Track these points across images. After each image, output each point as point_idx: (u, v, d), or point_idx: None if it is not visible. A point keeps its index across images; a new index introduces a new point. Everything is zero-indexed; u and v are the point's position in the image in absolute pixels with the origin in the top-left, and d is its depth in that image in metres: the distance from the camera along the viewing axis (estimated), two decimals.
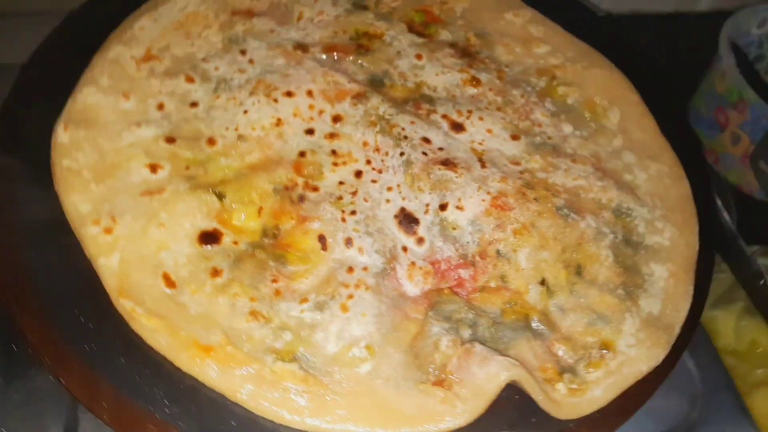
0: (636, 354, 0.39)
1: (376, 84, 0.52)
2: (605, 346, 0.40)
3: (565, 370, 0.38)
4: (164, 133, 0.45)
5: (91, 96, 0.45)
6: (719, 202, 0.57)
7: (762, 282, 0.54)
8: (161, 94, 0.47)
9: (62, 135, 0.43)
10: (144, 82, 0.47)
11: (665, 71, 0.60)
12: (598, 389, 0.38)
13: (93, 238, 0.39)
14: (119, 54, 0.48)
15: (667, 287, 0.43)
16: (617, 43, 0.58)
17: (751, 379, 0.54)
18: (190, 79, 0.48)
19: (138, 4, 0.52)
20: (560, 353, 0.39)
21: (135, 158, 0.43)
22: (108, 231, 0.39)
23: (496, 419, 0.36)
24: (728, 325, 0.56)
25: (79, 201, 0.40)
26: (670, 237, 0.45)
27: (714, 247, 0.46)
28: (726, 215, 0.58)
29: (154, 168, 0.43)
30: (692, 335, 0.41)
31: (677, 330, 0.41)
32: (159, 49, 0.49)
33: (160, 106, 0.46)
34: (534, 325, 0.40)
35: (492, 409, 0.36)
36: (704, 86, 0.67)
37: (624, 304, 0.41)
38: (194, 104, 0.47)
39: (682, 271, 0.44)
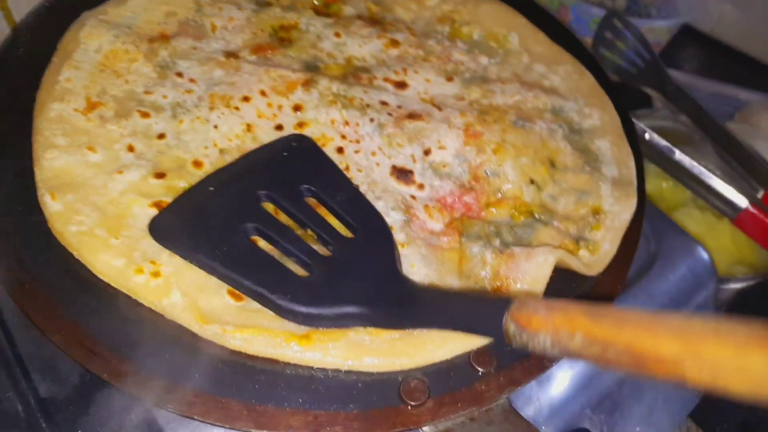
0: (619, 208, 0.49)
1: (312, 69, 0.55)
2: (596, 211, 0.49)
3: (578, 240, 0.47)
4: (149, 172, 0.44)
5: (57, 159, 0.43)
6: None
7: (646, 136, 0.67)
8: (124, 137, 0.46)
9: (54, 205, 0.40)
10: (101, 131, 0.46)
11: None
12: (606, 243, 0.47)
13: (145, 286, 0.38)
14: (61, 110, 0.46)
15: (614, 153, 0.53)
16: None
17: (668, 210, 0.68)
18: (144, 115, 0.47)
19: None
20: (568, 229, 0.47)
21: (135, 203, 0.42)
22: (156, 274, 0.39)
23: (549, 295, 0.43)
24: None
25: (110, 258, 0.39)
26: (599, 116, 0.55)
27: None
28: None
29: (159, 205, 0.42)
30: (644, 183, 0.51)
31: (635, 180, 0.51)
32: (97, 95, 0.48)
33: (130, 148, 0.45)
34: (538, 216, 0.48)
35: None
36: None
37: (593, 176, 0.50)
38: (161, 136, 0.47)
39: (618, 138, 0.54)
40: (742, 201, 0.64)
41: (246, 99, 0.49)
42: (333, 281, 0.38)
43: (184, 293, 0.38)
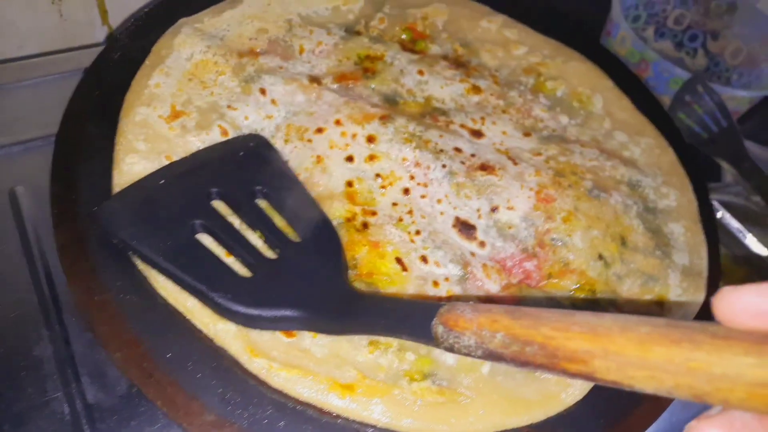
0: (685, 300, 0.47)
1: (390, 103, 0.55)
2: (660, 300, 0.47)
3: None
4: None
5: (136, 165, 0.44)
6: None
7: (719, 215, 0.63)
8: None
9: None
10: (180, 140, 0.47)
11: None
12: None
13: (202, 308, 0.38)
14: (146, 115, 0.47)
15: (687, 239, 0.51)
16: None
17: None
18: (224, 132, 0.48)
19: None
20: None
21: None
22: None
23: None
24: None
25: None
26: (676, 197, 0.53)
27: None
28: None
29: None
30: (719, 274, 0.49)
31: (706, 272, 0.49)
32: (182, 104, 0.49)
33: None
34: (600, 296, 0.46)
35: None
36: None
37: (664, 263, 0.48)
38: None
39: (693, 223, 0.52)
40: None
41: (320, 130, 0.50)
42: (275, 283, 0.38)
43: None
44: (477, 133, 0.54)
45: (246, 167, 0.44)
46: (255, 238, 0.42)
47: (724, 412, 0.20)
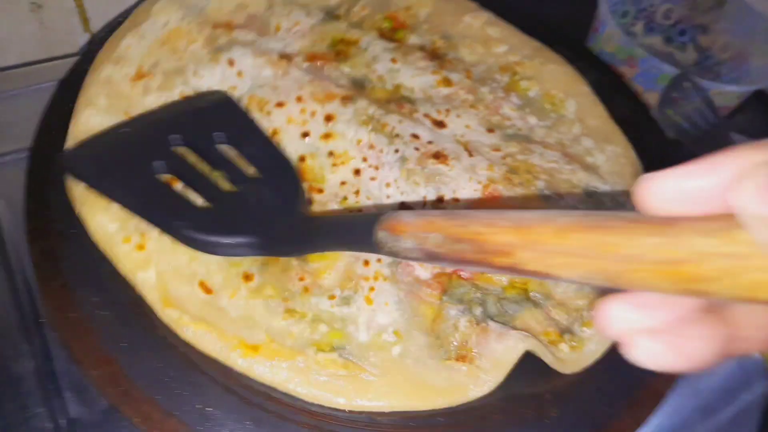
0: None
1: (358, 87, 0.56)
2: (593, 306, 0.46)
3: (564, 332, 0.45)
4: None
5: (92, 117, 0.46)
6: None
7: None
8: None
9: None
10: (140, 99, 0.48)
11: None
12: (592, 344, 0.44)
13: (127, 255, 0.40)
14: (111, 73, 0.49)
15: None
16: None
17: None
18: (184, 96, 0.50)
19: None
20: (557, 317, 0.45)
21: None
22: (140, 247, 0.41)
23: (512, 384, 0.41)
24: None
25: (105, 221, 0.41)
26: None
27: None
28: None
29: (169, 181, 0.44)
30: None
31: None
32: (149, 66, 0.50)
33: None
34: (532, 295, 0.46)
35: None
36: (593, 48, 0.76)
37: None
38: None
39: None
40: None
41: (280, 104, 0.51)
42: (234, 213, 0.41)
43: (159, 272, 0.40)
44: (439, 124, 0.55)
45: (208, 117, 0.47)
46: (217, 176, 0.44)
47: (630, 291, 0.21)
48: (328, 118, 0.51)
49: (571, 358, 0.43)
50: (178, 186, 0.43)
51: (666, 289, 0.19)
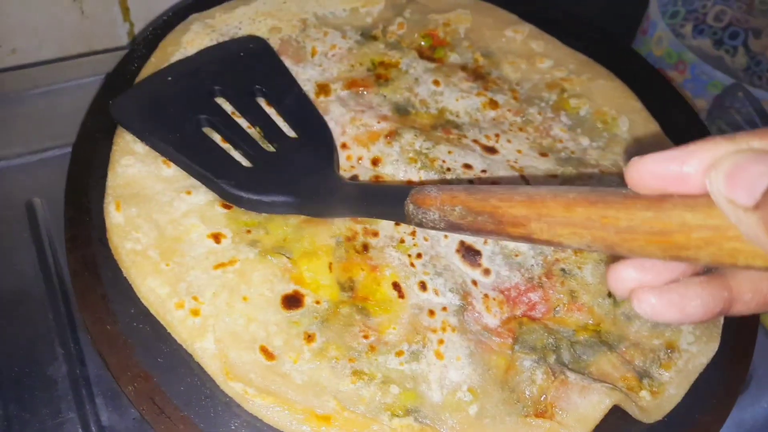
0: (696, 350, 0.43)
1: (401, 113, 0.53)
2: (670, 346, 0.44)
3: (642, 376, 0.42)
4: (216, 198, 0.43)
5: (131, 167, 0.43)
6: None
7: None
8: None
9: (116, 216, 0.40)
10: None
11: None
12: (672, 387, 0.42)
13: (182, 322, 0.37)
14: None
15: None
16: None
17: None
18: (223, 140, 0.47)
19: None
20: (634, 360, 0.43)
21: (194, 229, 0.42)
22: (195, 312, 0.38)
23: None
24: None
25: (156, 285, 0.38)
26: None
27: None
28: None
29: (216, 237, 0.42)
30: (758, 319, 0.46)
31: (722, 320, 0.46)
32: None
33: None
34: (605, 336, 0.44)
35: None
36: (641, 50, 0.73)
37: None
38: None
39: None
40: None
41: None
42: (272, 173, 0.43)
43: (218, 339, 0.37)
44: (490, 150, 0.52)
45: (247, 67, 0.47)
46: (255, 134, 0.45)
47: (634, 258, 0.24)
48: (375, 162, 0.48)
49: (652, 406, 0.41)
50: (220, 140, 0.44)
51: (658, 256, 0.22)
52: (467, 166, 0.49)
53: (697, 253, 0.21)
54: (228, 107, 0.46)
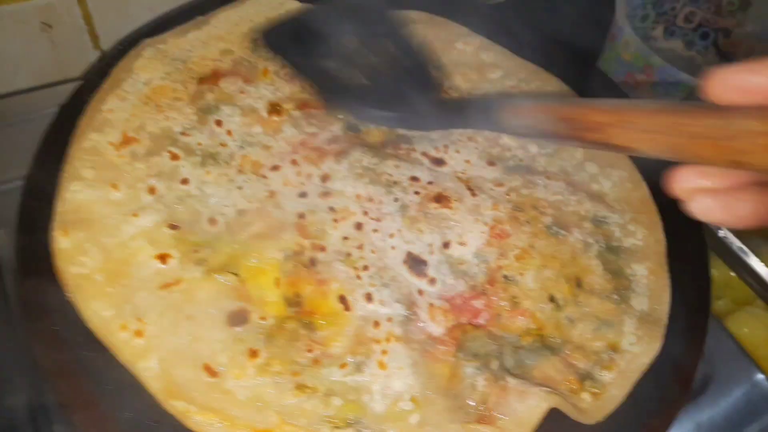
0: (639, 350, 0.44)
1: (353, 131, 0.54)
2: (612, 348, 0.45)
3: (584, 378, 0.43)
4: (164, 219, 0.44)
5: (80, 193, 0.44)
6: None
7: (721, 233, 0.60)
8: (149, 177, 0.46)
9: (62, 241, 0.41)
10: (128, 168, 0.47)
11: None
12: (614, 388, 0.43)
13: (126, 344, 0.38)
14: (96, 142, 0.47)
15: (649, 283, 0.48)
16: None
17: (715, 311, 0.62)
18: (174, 156, 0.48)
19: None
20: (577, 363, 0.44)
21: (141, 251, 0.43)
22: (138, 334, 0.39)
23: None
24: None
25: (99, 308, 0.39)
26: (642, 237, 0.51)
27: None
28: None
29: (163, 258, 0.43)
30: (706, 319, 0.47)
31: (665, 321, 0.47)
32: (134, 130, 0.48)
33: (151, 190, 0.46)
34: (548, 341, 0.44)
35: None
36: (610, 55, 0.74)
37: (620, 307, 0.46)
38: (185, 181, 0.47)
39: (658, 266, 0.50)
40: None
41: (275, 168, 0.49)
42: (387, 91, 0.48)
43: (161, 359, 0.38)
44: (439, 161, 0.53)
45: (372, 14, 0.53)
46: (375, 62, 0.51)
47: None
48: (324, 178, 0.49)
49: (593, 407, 0.42)
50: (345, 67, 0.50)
51: (722, 162, 0.25)
52: (414, 179, 0.50)
53: (756, 158, 0.24)
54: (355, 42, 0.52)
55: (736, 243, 0.60)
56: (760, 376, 0.55)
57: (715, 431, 0.54)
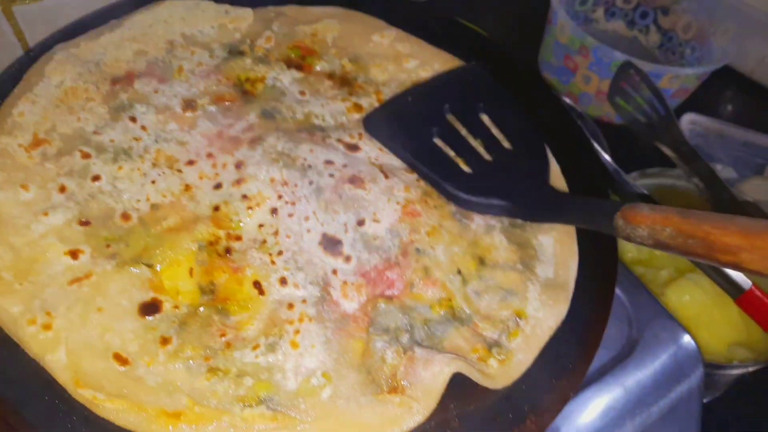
0: (543, 315, 0.46)
1: (268, 118, 0.55)
2: (518, 315, 0.46)
3: (492, 346, 0.45)
4: (75, 216, 0.45)
5: None
6: (597, 147, 0.66)
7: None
8: (59, 176, 0.47)
9: None
10: (39, 168, 0.47)
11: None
12: (520, 354, 0.45)
13: (33, 337, 0.39)
14: (6, 144, 0.47)
15: (556, 251, 0.50)
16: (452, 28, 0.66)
17: (658, 281, 0.65)
18: (85, 155, 0.48)
19: None
20: (485, 333, 0.46)
21: (51, 248, 0.43)
22: (47, 327, 0.39)
23: (446, 407, 0.41)
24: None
25: (8, 304, 0.40)
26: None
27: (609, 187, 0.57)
28: (606, 156, 0.67)
29: (74, 254, 0.43)
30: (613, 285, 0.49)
31: (571, 285, 0.49)
32: (46, 131, 0.49)
33: (62, 189, 0.46)
34: (458, 312, 0.46)
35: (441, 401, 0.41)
36: (548, 40, 0.77)
37: (524, 276, 0.48)
38: (96, 178, 0.48)
39: (566, 235, 0.52)
40: (745, 282, 0.59)
41: (191, 163, 0.50)
42: (490, 178, 0.50)
43: (70, 351, 0.39)
44: (353, 147, 0.54)
45: (470, 88, 0.57)
46: (476, 144, 0.53)
47: None
48: (238, 165, 0.51)
49: (500, 373, 0.43)
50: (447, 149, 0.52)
51: None
52: (329, 162, 0.52)
53: None
54: (455, 122, 0.55)
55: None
56: (687, 338, 0.57)
57: (642, 393, 0.55)
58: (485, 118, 0.55)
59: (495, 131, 0.54)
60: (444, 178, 0.50)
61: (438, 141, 0.53)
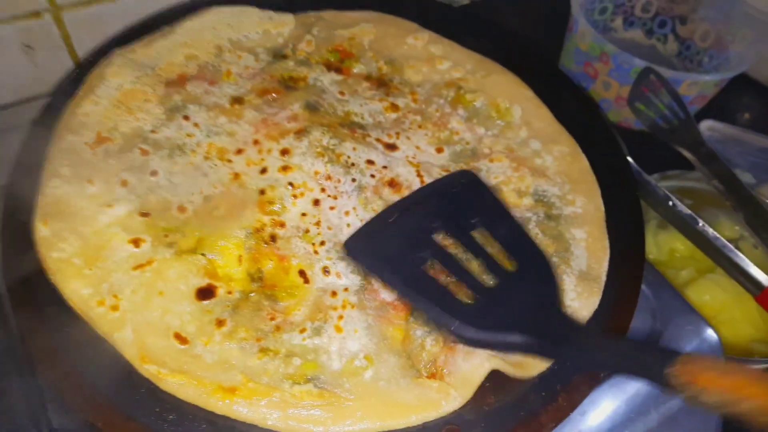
0: (578, 305, 0.48)
1: (312, 110, 0.58)
2: None
3: None
4: (136, 208, 0.49)
5: (58, 188, 0.48)
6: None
7: (670, 203, 0.64)
8: (121, 171, 0.51)
9: (43, 230, 0.46)
10: (102, 164, 0.51)
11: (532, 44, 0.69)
12: None
13: (102, 317, 0.42)
14: (72, 143, 0.51)
15: (588, 245, 0.52)
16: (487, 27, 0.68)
17: (679, 281, 0.66)
18: (144, 152, 0.52)
19: None
20: None
21: (115, 237, 0.47)
22: (114, 308, 0.43)
23: (482, 396, 0.44)
24: (649, 241, 0.67)
25: (78, 287, 0.43)
26: (582, 205, 0.55)
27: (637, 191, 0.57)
28: (629, 158, 0.68)
29: (136, 242, 0.47)
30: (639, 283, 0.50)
31: (603, 277, 0.51)
32: (108, 130, 0.53)
33: (124, 183, 0.50)
34: None
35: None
36: (569, 46, 0.79)
37: (560, 268, 0.50)
38: (154, 173, 0.51)
39: (597, 230, 0.54)
40: (765, 279, 0.60)
41: (239, 152, 0.53)
42: (495, 310, 0.42)
43: (135, 330, 0.42)
44: (391, 147, 0.57)
45: (461, 201, 0.49)
46: (475, 266, 0.46)
47: None
48: (284, 152, 0.54)
49: (529, 362, 0.45)
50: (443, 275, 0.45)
51: None
52: (370, 162, 0.55)
53: None
54: (447, 241, 0.47)
55: (685, 211, 0.64)
56: (709, 331, 0.58)
57: (642, 399, 0.55)
58: (482, 234, 0.47)
59: (496, 249, 0.46)
60: (441, 311, 0.42)
61: (431, 266, 0.45)
